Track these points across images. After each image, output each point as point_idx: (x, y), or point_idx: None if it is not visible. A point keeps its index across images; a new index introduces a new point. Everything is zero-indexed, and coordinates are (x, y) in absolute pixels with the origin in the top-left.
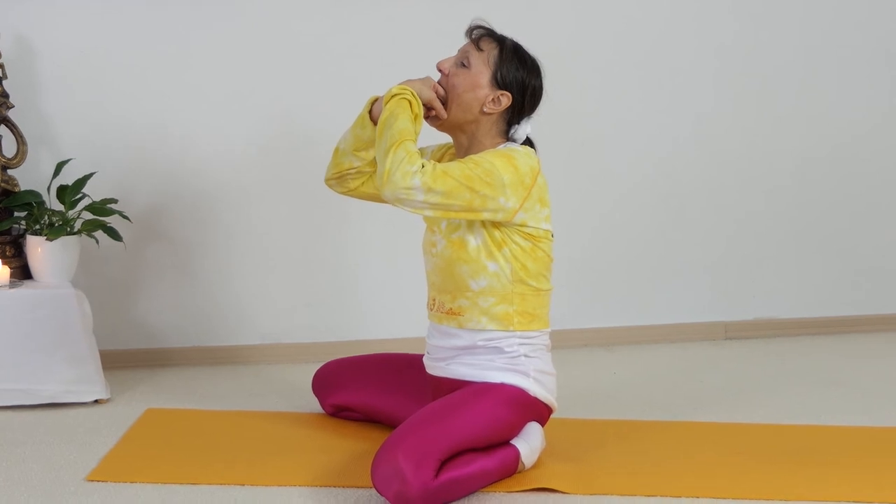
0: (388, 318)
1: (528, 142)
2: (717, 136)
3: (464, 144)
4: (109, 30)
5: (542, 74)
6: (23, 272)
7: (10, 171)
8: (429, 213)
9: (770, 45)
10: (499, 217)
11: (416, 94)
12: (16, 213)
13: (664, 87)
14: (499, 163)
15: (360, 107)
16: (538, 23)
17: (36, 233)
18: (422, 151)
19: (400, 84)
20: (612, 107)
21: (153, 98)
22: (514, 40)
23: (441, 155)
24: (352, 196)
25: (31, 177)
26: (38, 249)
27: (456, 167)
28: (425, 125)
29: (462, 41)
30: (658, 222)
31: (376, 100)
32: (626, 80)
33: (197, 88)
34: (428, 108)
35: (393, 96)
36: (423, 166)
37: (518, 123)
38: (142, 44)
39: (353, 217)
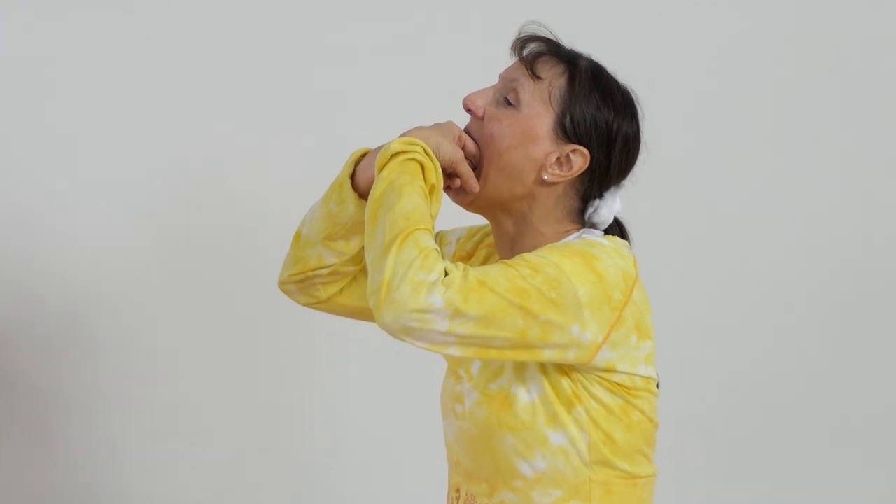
0: None
1: (617, 227)
2: None
3: (509, 232)
4: None
5: (641, 115)
6: None
7: None
8: (455, 351)
9: None
10: (570, 357)
11: (430, 150)
12: None
13: (853, 131)
14: (570, 266)
15: (338, 167)
16: (620, 28)
17: None
18: (438, 240)
19: (405, 134)
20: (757, 162)
21: None
22: (592, 59)
23: (472, 249)
24: (322, 310)
25: None
26: None
27: (499, 274)
28: (446, 201)
29: (506, 60)
30: (838, 358)
31: (364, 156)
32: (781, 118)
33: (61, 132)
34: (450, 174)
35: (394, 155)
36: (445, 274)
37: (600, 197)
38: None
39: (325, 340)
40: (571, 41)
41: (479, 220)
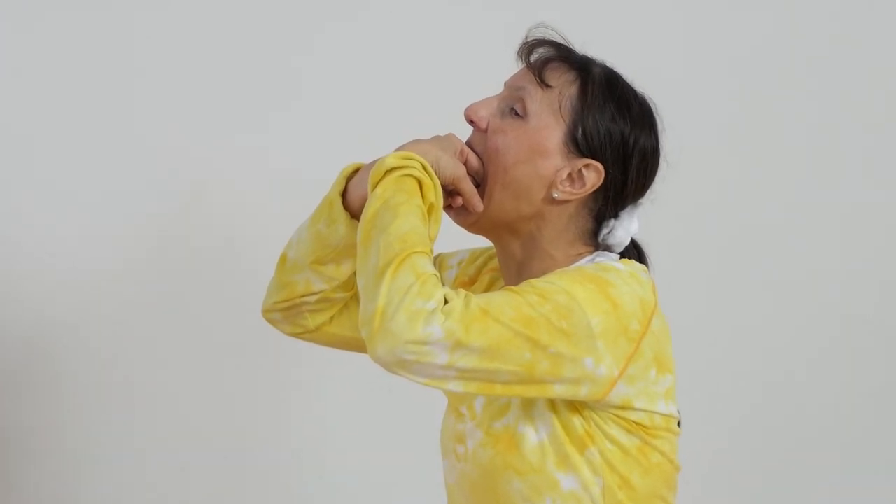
0: None
1: (634, 249)
2: None
3: (516, 256)
4: None
5: (660, 127)
6: None
7: None
8: (456, 386)
9: None
10: (582, 393)
11: (429, 166)
12: None
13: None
14: (582, 293)
15: (328, 183)
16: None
17: None
18: (437, 264)
19: (401, 148)
20: (786, 181)
21: None
22: (607, 65)
23: (475, 273)
24: (310, 340)
25: None
26: None
27: (504, 302)
28: (446, 222)
29: (508, 59)
30: (876, 390)
31: (356, 171)
32: (823, 132)
33: (22, 145)
34: (451, 191)
35: (389, 171)
36: (445, 301)
37: (615, 217)
38: None
39: (313, 373)
40: (582, 44)
41: (482, 241)
